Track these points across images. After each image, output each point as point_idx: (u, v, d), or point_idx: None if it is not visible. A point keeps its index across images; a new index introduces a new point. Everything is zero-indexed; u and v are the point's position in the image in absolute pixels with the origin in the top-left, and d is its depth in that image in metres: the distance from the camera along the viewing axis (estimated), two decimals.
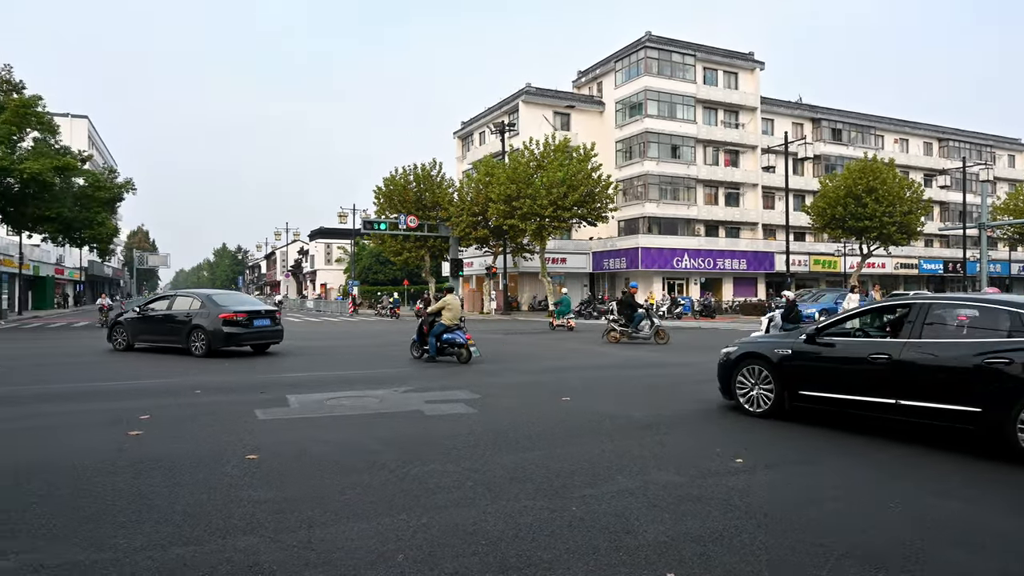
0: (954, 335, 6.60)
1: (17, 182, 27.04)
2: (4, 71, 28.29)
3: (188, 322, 15.58)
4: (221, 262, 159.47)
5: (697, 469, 5.57)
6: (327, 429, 7.17)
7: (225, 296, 17.05)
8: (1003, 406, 5.85)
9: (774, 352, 7.84)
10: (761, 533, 4.11)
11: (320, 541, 3.96)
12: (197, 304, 15.87)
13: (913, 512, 4.53)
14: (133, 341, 16.72)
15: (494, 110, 52.08)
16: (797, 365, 7.59)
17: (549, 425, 7.39)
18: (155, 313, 16.50)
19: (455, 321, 14.35)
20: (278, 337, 16.67)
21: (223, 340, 15.21)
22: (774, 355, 7.81)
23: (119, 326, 17.06)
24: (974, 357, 6.11)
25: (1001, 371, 5.90)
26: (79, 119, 65.18)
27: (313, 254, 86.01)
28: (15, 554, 3.74)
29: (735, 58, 50.31)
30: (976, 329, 6.51)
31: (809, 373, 7.49)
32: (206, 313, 15.45)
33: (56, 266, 55.31)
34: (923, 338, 6.57)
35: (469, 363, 13.86)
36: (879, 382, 6.75)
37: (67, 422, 7.53)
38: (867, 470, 5.63)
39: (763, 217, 50.89)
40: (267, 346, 16.74)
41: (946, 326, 6.73)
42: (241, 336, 15.52)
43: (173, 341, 15.93)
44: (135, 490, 4.92)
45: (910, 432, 6.78)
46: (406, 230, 39.60)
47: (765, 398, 7.89)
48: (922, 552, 3.84)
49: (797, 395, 7.60)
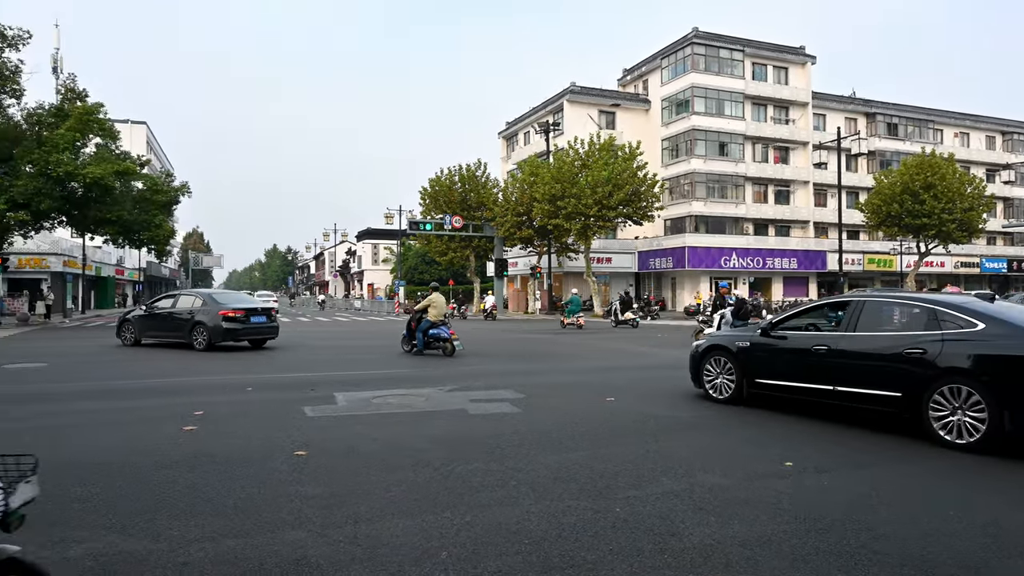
0: (882, 329, 7.34)
1: (81, 186, 28.17)
2: (69, 80, 29.52)
3: (191, 319, 16.81)
4: (272, 262, 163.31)
5: (744, 472, 5.46)
6: (374, 427, 7.27)
7: (225, 295, 18.67)
8: (918, 391, 6.63)
9: (735, 344, 8.65)
10: (811, 538, 4.00)
11: (366, 537, 4.01)
12: (199, 302, 17.21)
13: (974, 521, 4.35)
14: (140, 337, 17.98)
15: (538, 110, 52.06)
16: (753, 356, 8.42)
17: (593, 425, 7.34)
18: (160, 311, 17.82)
19: (440, 318, 15.42)
20: (274, 333, 17.99)
21: (222, 335, 16.46)
22: (734, 347, 8.63)
23: (127, 323, 18.34)
24: (895, 348, 6.92)
25: (917, 360, 6.68)
26: (138, 125, 67.54)
27: (360, 254, 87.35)
28: (78, 543, 3.90)
29: (785, 52, 49.18)
30: (900, 324, 7.29)
31: (763, 363, 8.32)
32: (207, 310, 16.76)
33: (116, 267, 57.46)
34: (856, 331, 7.38)
35: (453, 355, 14.98)
36: (820, 370, 7.55)
37: (127, 417, 7.82)
38: (923, 477, 5.44)
39: (814, 215, 49.63)
40: (263, 341, 17.84)
41: (876, 321, 7.46)
42: (239, 331, 16.78)
43: (177, 336, 17.14)
44: (189, 483, 5.07)
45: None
46: (451, 230, 39.89)
47: (728, 386, 8.67)
48: (985, 564, 3.69)
49: (753, 383, 8.40)
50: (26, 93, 27.75)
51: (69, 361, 14.30)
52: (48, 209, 27.55)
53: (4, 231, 27.17)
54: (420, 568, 3.57)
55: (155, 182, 33.89)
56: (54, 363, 13.86)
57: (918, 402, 6.63)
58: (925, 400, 6.57)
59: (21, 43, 26.66)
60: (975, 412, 6.22)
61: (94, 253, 46.06)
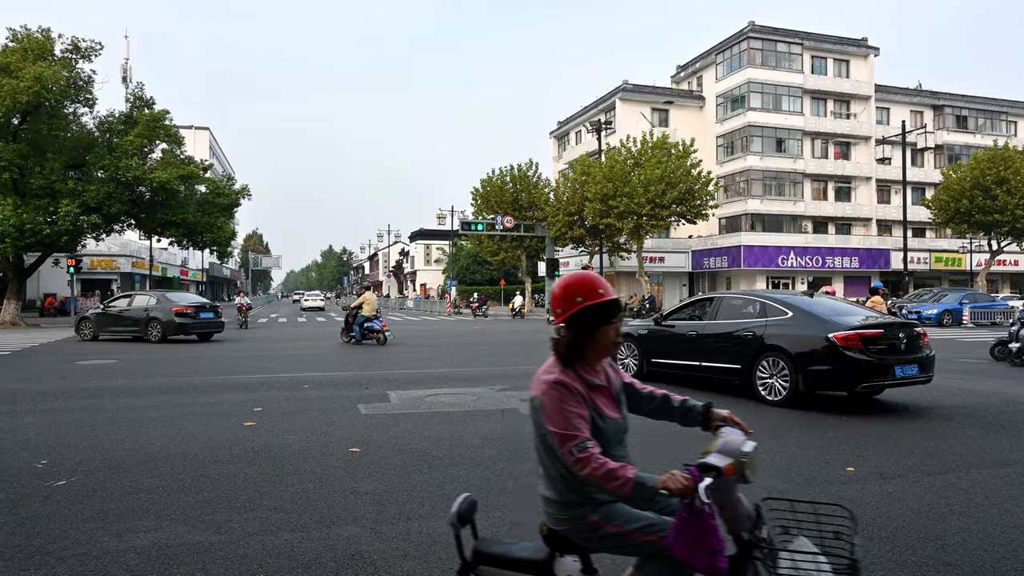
0: (730, 317, 9.53)
1: (148, 190, 29.34)
2: (137, 88, 30.75)
3: (146, 315, 19.26)
4: (328, 263, 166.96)
5: (805, 476, 5.30)
6: (426, 425, 7.33)
7: (177, 295, 21.14)
8: (751, 362, 8.86)
9: (638, 332, 10.83)
10: (875, 546, 3.85)
11: (419, 534, 4.05)
12: (153, 301, 19.71)
13: None
14: (98, 332, 19.94)
15: (590, 109, 51.78)
16: (650, 341, 10.59)
17: (647, 426, 7.24)
18: (115, 310, 19.93)
19: (373, 312, 18.23)
20: (220, 328, 20.61)
21: (175, 329, 19.05)
22: (637, 333, 10.80)
23: (86, 320, 20.30)
24: (736, 331, 9.20)
25: (748, 339, 8.95)
26: (201, 131, 70.06)
27: (413, 255, 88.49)
28: (144, 532, 4.05)
29: (846, 45, 47.67)
30: (743, 314, 9.45)
31: (656, 346, 10.49)
32: (162, 308, 19.22)
33: (181, 268, 59.67)
34: (715, 319, 9.69)
35: (385, 344, 17.72)
36: (692, 351, 9.79)
37: (190, 412, 8.10)
38: (997, 487, 5.17)
39: (877, 212, 47.95)
40: (211, 335, 20.49)
41: (728, 312, 9.65)
42: (190, 326, 19.35)
43: (134, 331, 19.49)
44: (248, 478, 5.22)
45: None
46: (503, 230, 40.02)
47: (633, 365, 10.78)
48: None
49: (650, 362, 10.53)
50: (98, 102, 29.05)
51: (137, 358, 14.90)
52: (118, 212, 28.77)
53: (78, 234, 28.45)
54: None
55: (217, 185, 34.97)
56: (124, 360, 14.46)
57: (751, 371, 8.85)
58: (755, 369, 8.80)
59: (93, 54, 27.92)
60: (783, 378, 8.46)
61: (160, 255, 47.94)
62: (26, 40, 26.61)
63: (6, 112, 24.97)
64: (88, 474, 5.31)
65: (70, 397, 9.31)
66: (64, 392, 9.79)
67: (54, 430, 7.03)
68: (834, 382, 8.19)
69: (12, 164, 25.24)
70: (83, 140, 28.67)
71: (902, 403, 8.81)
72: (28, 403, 8.77)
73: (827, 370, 8.12)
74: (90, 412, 8.11)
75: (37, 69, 24.75)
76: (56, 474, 5.32)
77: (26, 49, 26.28)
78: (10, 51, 26.21)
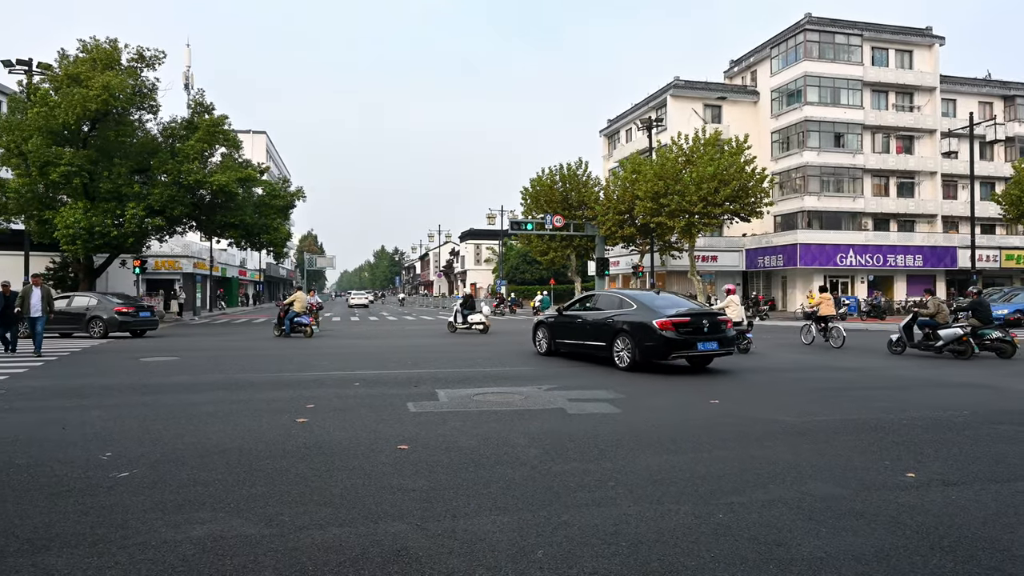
0: (601, 309, 13.52)
1: (208, 193, 30.39)
2: (198, 95, 31.85)
3: (86, 314, 21.20)
4: (380, 263, 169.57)
5: (860, 482, 5.12)
6: (474, 423, 7.37)
7: (116, 296, 23.19)
8: (611, 340, 12.57)
9: (548, 320, 15.13)
10: (935, 556, 3.70)
11: (464, 531, 4.07)
12: (95, 301, 21.77)
13: None
14: None
15: (640, 106, 51.22)
16: (555, 325, 14.71)
17: (695, 428, 7.13)
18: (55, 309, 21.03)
19: (302, 309, 21.69)
20: (155, 325, 23.10)
21: (117, 326, 21.14)
22: (548, 321, 15.08)
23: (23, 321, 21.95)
24: (604, 319, 12.98)
25: (610, 324, 12.69)
26: (259, 135, 71.99)
27: (464, 255, 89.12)
28: (200, 524, 4.18)
29: (909, 35, 45.90)
30: (609, 306, 13.36)
31: (559, 330, 14.52)
32: (104, 307, 21.35)
33: (240, 268, 61.48)
34: (594, 310, 13.67)
35: (312, 336, 21.12)
36: (582, 333, 13.67)
37: (246, 408, 8.33)
38: None
39: (943, 208, 46.04)
40: (146, 332, 22.65)
41: (602, 305, 13.66)
42: (130, 323, 21.45)
43: (74, 328, 21.23)
44: (299, 473, 5.34)
45: None
46: (552, 230, 39.94)
47: (546, 344, 14.94)
48: None
49: (556, 342, 14.58)
50: (161, 108, 30.19)
51: (197, 355, 15.42)
52: (180, 215, 29.87)
53: (143, 235, 29.65)
54: (516, 565, 3.58)
55: (273, 188, 35.94)
56: (185, 357, 14.99)
57: (612, 346, 12.57)
58: (612, 345, 12.54)
59: (157, 63, 29.03)
60: (628, 351, 12.10)
61: (220, 255, 49.47)
62: (95, 50, 27.84)
63: (77, 120, 26.18)
64: (149, 466, 5.52)
65: (134, 392, 9.70)
66: (128, 387, 10.20)
67: (118, 424, 7.33)
68: (656, 353, 11.86)
69: (83, 169, 26.44)
70: (147, 145, 29.86)
71: (966, 408, 8.44)
72: (95, 398, 9.17)
73: (652, 345, 11.76)
74: (152, 407, 8.43)
75: (105, 78, 25.87)
76: (120, 466, 5.54)
77: (95, 59, 27.50)
78: (81, 61, 27.46)
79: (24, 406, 8.53)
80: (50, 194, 27.91)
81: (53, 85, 27.23)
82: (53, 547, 3.81)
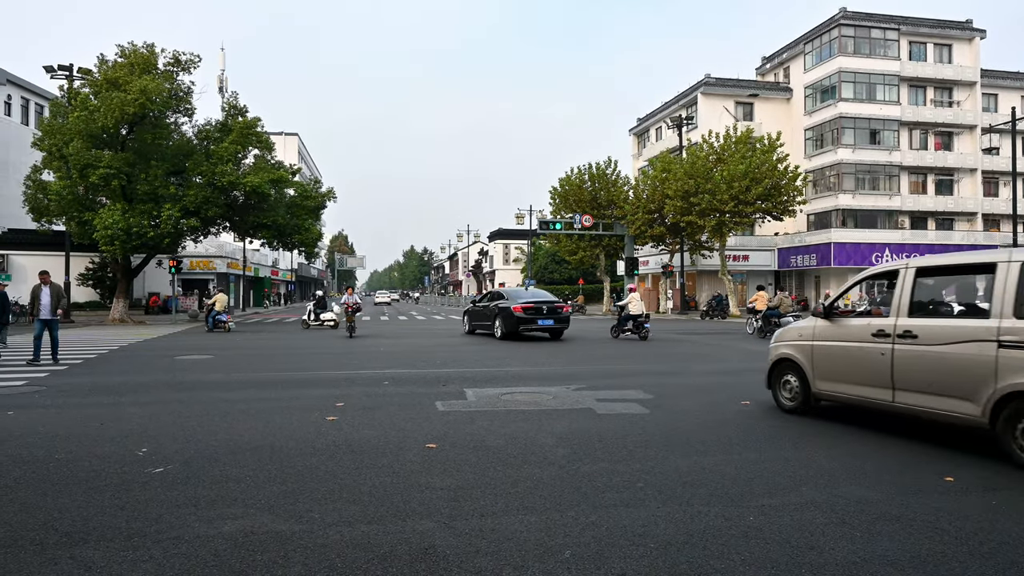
0: (492, 301, 21.10)
1: (241, 194, 30.89)
2: (232, 98, 32.38)
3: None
4: (409, 263, 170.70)
5: (896, 486, 5.01)
6: (502, 423, 7.37)
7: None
8: (493, 321, 20.36)
9: (470, 309, 22.99)
10: (975, 563, 3.59)
11: (491, 531, 4.07)
12: None
13: None
14: None
15: (671, 104, 50.78)
16: (471, 314, 22.71)
17: (726, 429, 7.04)
18: None
19: (223, 308, 24.90)
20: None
21: None
22: (467, 310, 23.29)
23: None
24: (491, 307, 20.72)
25: (494, 311, 20.37)
26: (291, 136, 73.03)
27: (492, 254, 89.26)
28: (232, 519, 4.24)
29: (948, 28, 44.81)
30: (496, 299, 21.01)
31: (475, 317, 22.21)
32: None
33: (272, 268, 62.39)
34: (491, 303, 20.97)
35: (229, 332, 23.85)
36: (482, 318, 21.37)
37: (278, 405, 8.45)
38: None
39: (983, 206, 44.86)
40: None
41: (493, 298, 21.40)
42: None
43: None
44: (329, 470, 5.39)
45: None
46: (581, 229, 39.82)
47: (467, 328, 22.75)
48: None
49: (472, 325, 22.31)
50: (196, 111, 30.76)
51: (231, 354, 15.68)
52: (214, 216, 30.39)
53: (178, 236, 30.23)
54: (544, 564, 3.57)
55: (305, 189, 36.36)
56: (219, 356, 15.25)
57: (493, 324, 20.13)
58: (494, 324, 20.15)
59: (192, 67, 29.59)
60: (499, 327, 19.78)
61: (253, 255, 50.27)
62: (132, 55, 28.47)
63: (115, 123, 26.78)
64: (183, 463, 5.62)
65: (169, 390, 9.90)
66: (164, 385, 10.41)
67: (154, 420, 7.48)
68: (514, 327, 19.17)
69: (121, 172, 27.06)
70: (183, 148, 30.43)
71: None
72: (132, 395, 9.38)
73: (511, 321, 19.15)
74: (187, 404, 8.58)
75: (143, 82, 26.43)
76: (155, 462, 5.66)
77: (132, 64, 28.13)
78: (119, 66, 28.11)
79: (64, 403, 8.76)
80: (90, 196, 28.61)
81: (93, 89, 27.90)
82: (90, 540, 3.90)
